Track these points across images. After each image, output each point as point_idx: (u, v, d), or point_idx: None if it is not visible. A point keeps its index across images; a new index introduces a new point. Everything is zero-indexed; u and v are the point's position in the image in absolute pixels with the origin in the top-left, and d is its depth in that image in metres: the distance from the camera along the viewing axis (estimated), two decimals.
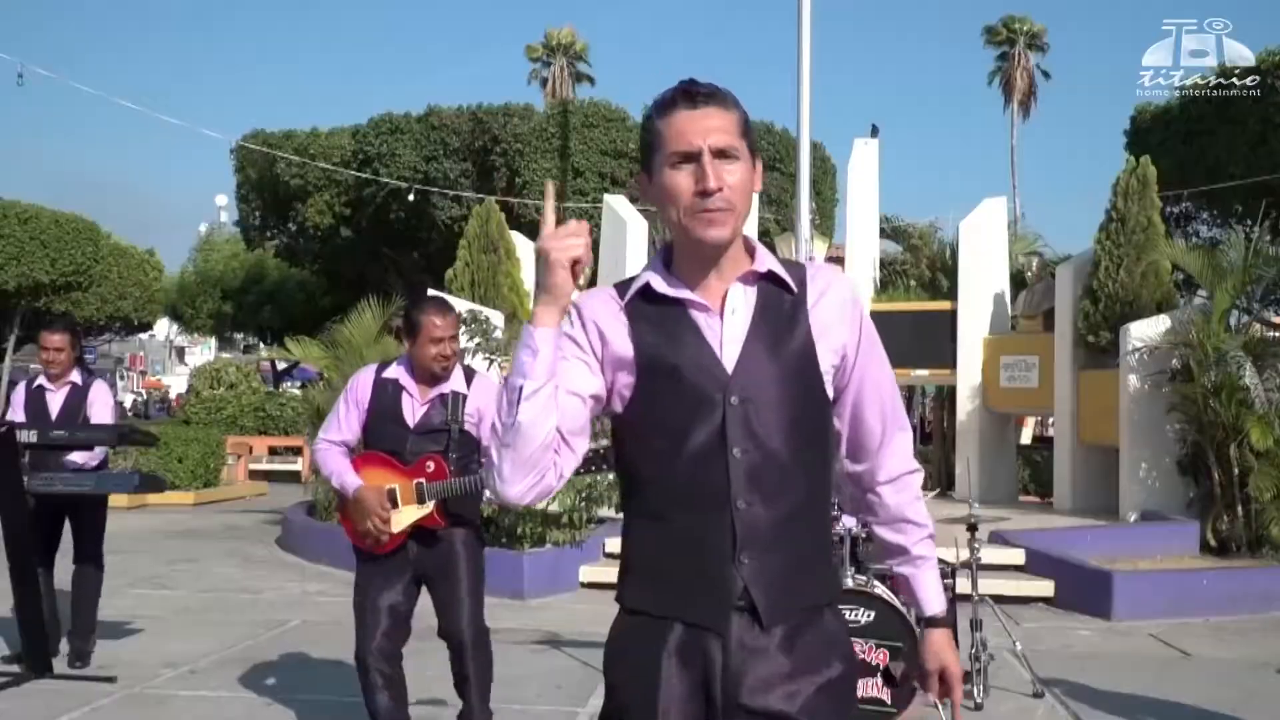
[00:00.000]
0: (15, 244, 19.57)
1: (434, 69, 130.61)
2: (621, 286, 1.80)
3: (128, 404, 37.87)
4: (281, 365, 31.48)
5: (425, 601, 3.92)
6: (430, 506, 3.72)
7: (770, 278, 1.76)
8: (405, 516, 3.72)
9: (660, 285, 1.74)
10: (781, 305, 1.75)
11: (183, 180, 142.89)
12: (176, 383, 39.22)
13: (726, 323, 1.72)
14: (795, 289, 1.76)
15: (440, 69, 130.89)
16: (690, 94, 1.69)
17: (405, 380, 3.82)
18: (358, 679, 3.80)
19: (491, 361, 8.89)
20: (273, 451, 19.21)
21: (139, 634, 6.39)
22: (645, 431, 1.73)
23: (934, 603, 1.91)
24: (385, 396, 3.82)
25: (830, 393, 1.79)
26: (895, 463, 1.86)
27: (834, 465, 1.87)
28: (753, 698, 1.66)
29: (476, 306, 9.90)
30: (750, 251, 1.77)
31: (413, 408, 3.79)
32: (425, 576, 3.84)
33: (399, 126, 22.24)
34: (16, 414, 5.66)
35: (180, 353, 56.85)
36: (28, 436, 5.16)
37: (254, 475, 17.69)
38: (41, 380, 5.75)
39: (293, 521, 10.46)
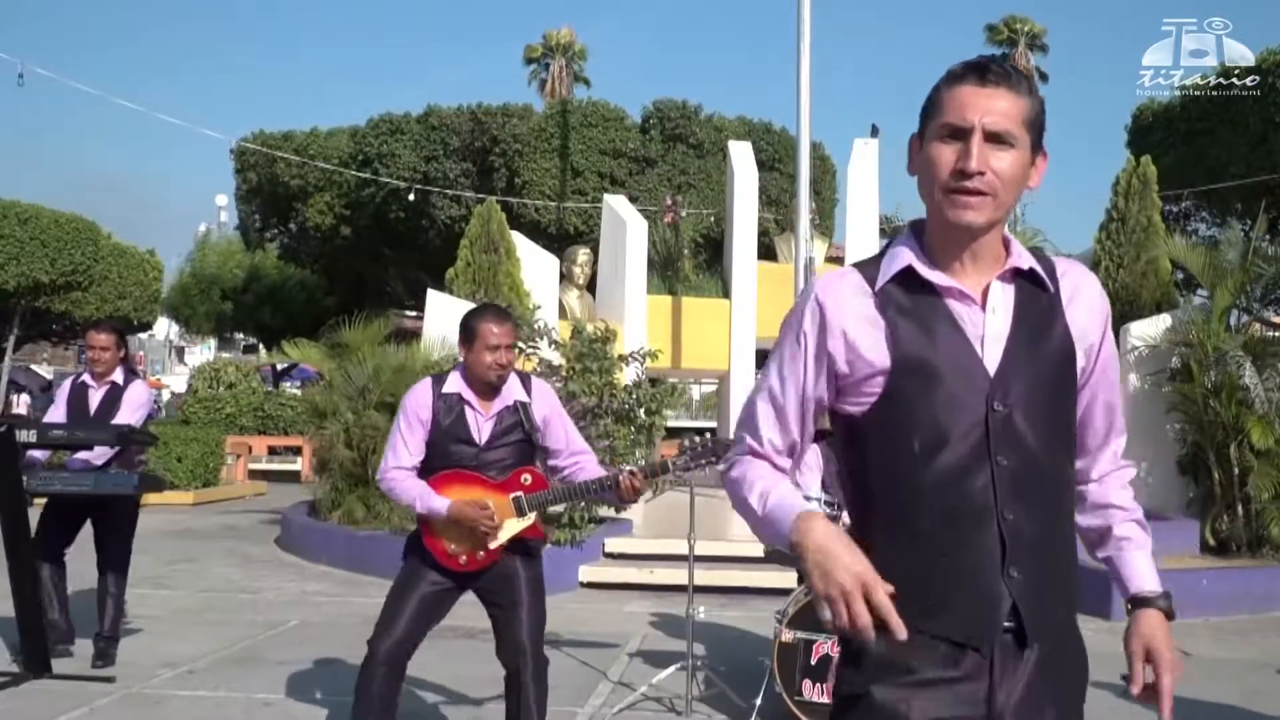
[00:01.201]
0: (15, 244, 19.57)
1: (434, 69, 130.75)
2: (868, 269, 1.69)
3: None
4: (281, 365, 31.50)
5: (460, 605, 3.85)
6: (532, 518, 3.63)
7: (1027, 275, 1.67)
8: (506, 530, 3.60)
9: (923, 269, 1.63)
10: (1039, 304, 1.66)
11: (183, 180, 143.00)
12: (176, 383, 39.14)
13: (988, 320, 1.63)
14: (1050, 286, 1.68)
15: (440, 69, 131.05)
16: (983, 69, 1.58)
17: (468, 394, 3.65)
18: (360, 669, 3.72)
19: (521, 351, 9.03)
20: (272, 451, 19.22)
21: (138, 634, 6.38)
22: (895, 435, 1.61)
23: (1138, 579, 1.74)
24: (449, 413, 3.64)
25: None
26: (1108, 462, 1.79)
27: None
28: (1017, 718, 1.61)
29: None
30: (1005, 246, 1.68)
31: (478, 423, 3.64)
32: (486, 594, 3.71)
33: (399, 127, 22.24)
34: (59, 411, 5.75)
35: (180, 353, 56.82)
36: (28, 436, 5.16)
37: (253, 475, 17.69)
38: (85, 377, 5.82)
39: (292, 521, 10.45)
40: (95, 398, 5.73)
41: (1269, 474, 8.47)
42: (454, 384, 3.69)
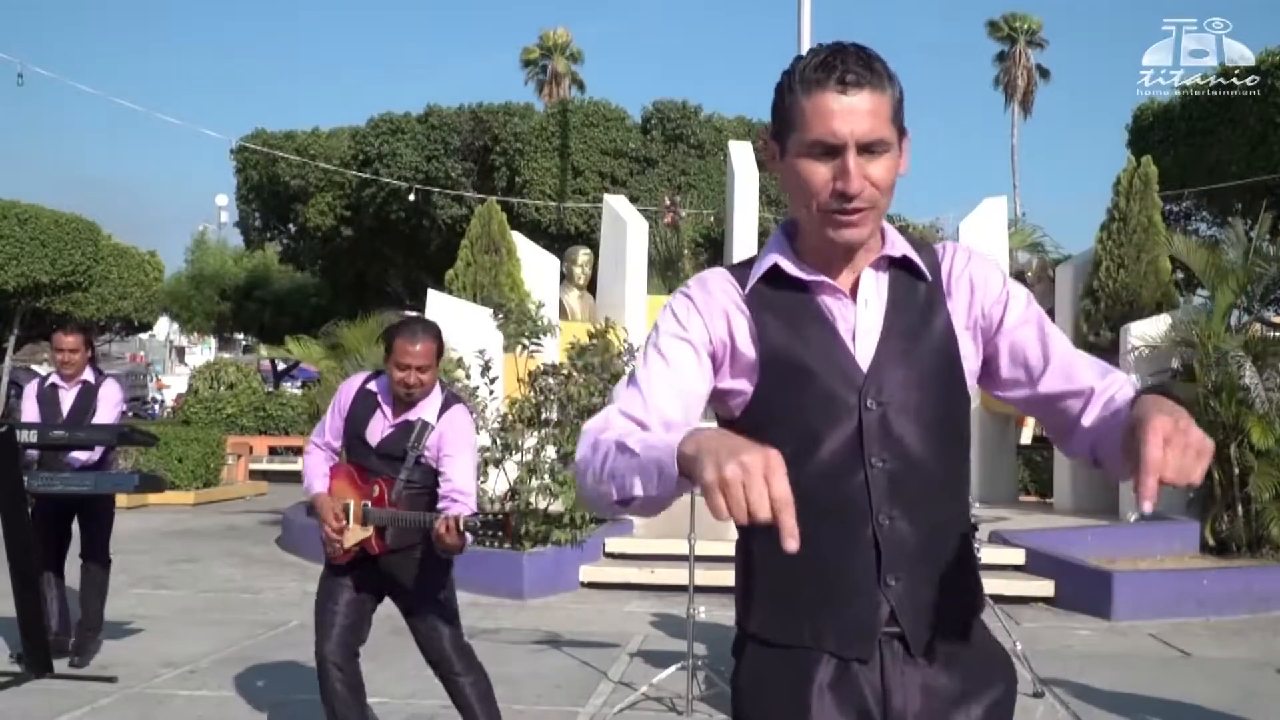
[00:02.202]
0: (15, 244, 19.56)
1: (434, 70, 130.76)
2: (739, 271, 1.62)
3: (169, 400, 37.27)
4: (281, 365, 31.51)
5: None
6: (370, 531, 3.63)
7: (902, 263, 1.58)
8: (352, 535, 3.65)
9: (790, 267, 1.56)
10: (916, 294, 1.57)
11: (183, 180, 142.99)
12: (176, 383, 39.14)
13: (859, 313, 1.55)
14: (930, 275, 1.58)
15: (440, 69, 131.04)
16: (841, 77, 1.44)
17: (383, 397, 3.71)
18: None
19: (525, 348, 9.10)
20: (273, 451, 19.21)
21: (139, 634, 6.39)
22: (767, 437, 1.44)
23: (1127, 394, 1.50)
24: (360, 409, 3.73)
25: (972, 386, 1.61)
26: (1093, 374, 1.57)
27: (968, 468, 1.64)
28: None
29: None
30: (880, 233, 1.58)
31: (380, 427, 3.69)
32: (393, 596, 3.77)
33: (399, 126, 22.24)
34: (29, 411, 5.73)
35: (180, 353, 56.84)
36: (28, 436, 5.17)
37: (254, 475, 17.67)
38: (55, 379, 5.81)
39: (293, 521, 10.45)
40: (67, 398, 5.74)
41: (1269, 474, 8.47)
42: (378, 384, 3.78)
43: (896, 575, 1.52)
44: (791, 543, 1.20)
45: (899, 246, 1.58)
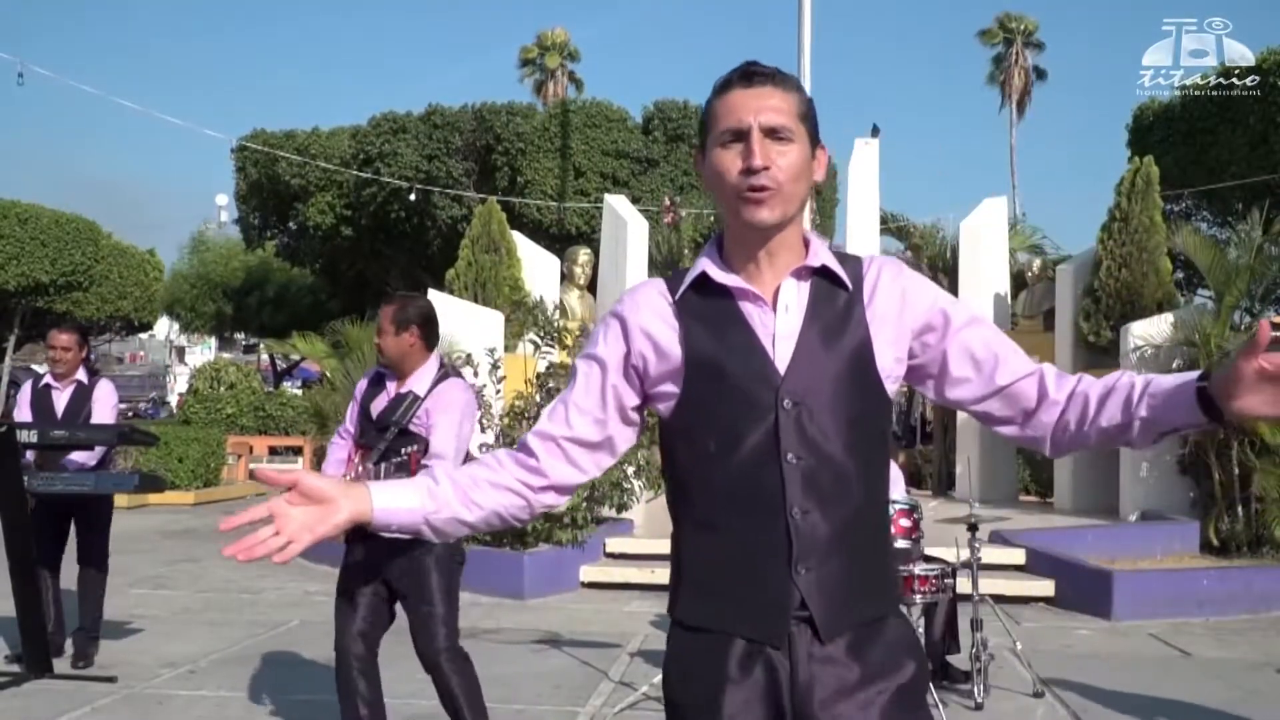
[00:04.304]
0: (15, 244, 19.58)
1: (434, 70, 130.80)
2: (673, 280, 1.74)
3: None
4: (282, 365, 31.52)
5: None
6: None
7: (824, 273, 1.68)
8: None
9: (716, 274, 1.67)
10: (835, 302, 1.67)
11: (183, 180, 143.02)
12: (178, 383, 39.17)
13: (779, 319, 1.65)
14: (850, 285, 1.68)
15: (441, 70, 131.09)
16: (748, 74, 1.63)
17: (390, 375, 3.89)
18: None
19: (537, 346, 9.08)
20: (273, 451, 19.21)
21: (139, 634, 6.39)
22: (694, 435, 1.66)
23: (1176, 378, 1.56)
24: (373, 389, 3.90)
25: (892, 390, 1.68)
26: (1053, 384, 1.66)
27: (889, 473, 1.75)
28: (825, 710, 1.59)
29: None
30: (805, 245, 1.70)
31: (381, 401, 3.84)
32: (398, 591, 3.78)
33: (401, 125, 22.24)
34: (23, 412, 5.71)
35: (180, 353, 56.83)
36: (28, 436, 5.17)
37: (254, 475, 17.69)
38: (48, 379, 5.79)
39: None
40: (60, 399, 5.72)
41: (1273, 473, 8.47)
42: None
43: (808, 565, 1.60)
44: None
45: (820, 257, 1.68)
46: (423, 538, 1.70)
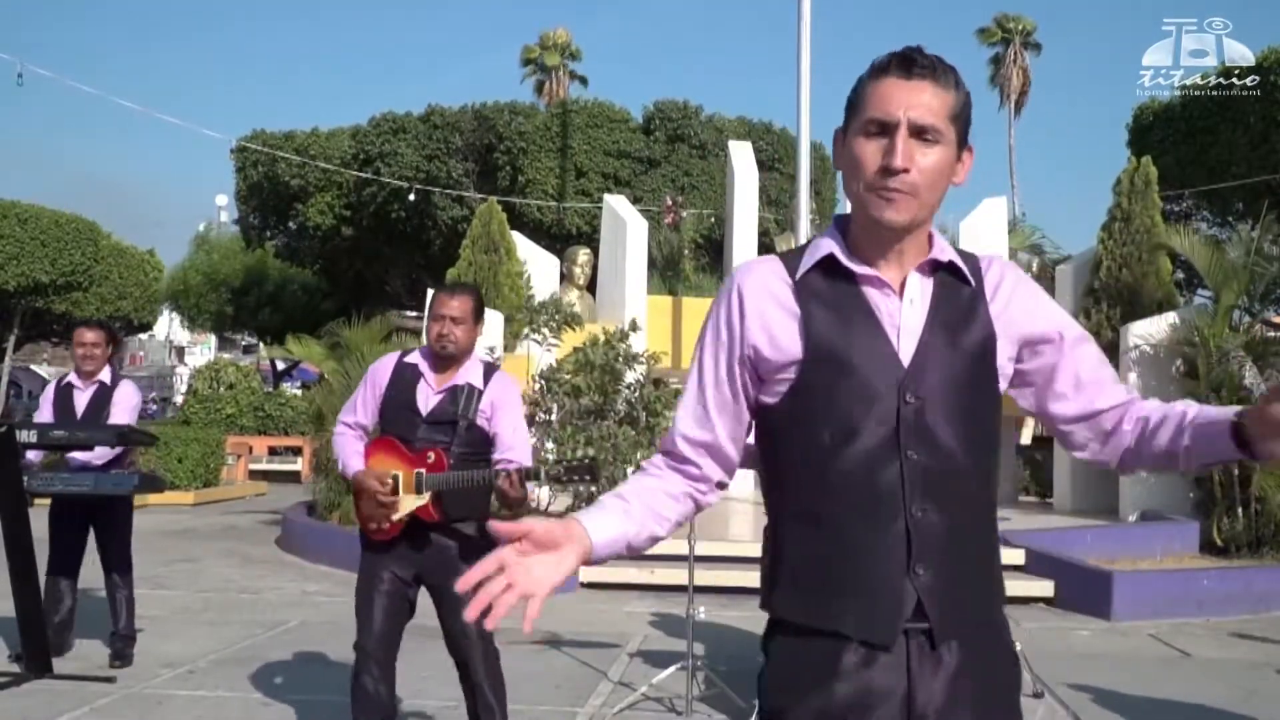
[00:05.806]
0: (15, 244, 19.59)
1: (434, 70, 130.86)
2: (791, 259, 1.67)
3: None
4: (281, 365, 31.50)
5: (424, 601, 3.89)
6: (426, 498, 3.62)
7: (948, 268, 1.64)
8: (404, 505, 3.63)
9: (843, 257, 1.61)
10: (959, 298, 1.62)
11: (183, 180, 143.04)
12: (178, 383, 39.18)
13: (905, 311, 1.59)
14: (973, 281, 1.64)
15: (441, 70, 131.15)
16: (907, 62, 1.53)
17: (424, 367, 3.77)
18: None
19: (541, 343, 9.06)
20: (272, 451, 19.22)
21: (138, 634, 6.38)
22: (807, 424, 1.58)
23: (1220, 411, 1.58)
24: (402, 382, 3.77)
25: (1004, 386, 1.67)
26: (1120, 412, 1.67)
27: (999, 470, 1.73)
28: (941, 718, 1.56)
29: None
30: (929, 241, 1.65)
31: (426, 395, 3.72)
32: (429, 583, 3.74)
33: (401, 125, 22.25)
34: (44, 412, 5.71)
35: (180, 353, 56.81)
36: (28, 436, 5.16)
37: (254, 475, 17.69)
38: (71, 378, 5.79)
39: (292, 521, 10.45)
40: (82, 399, 5.69)
41: (1273, 473, 8.46)
42: (415, 356, 3.84)
43: (925, 565, 1.55)
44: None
45: (946, 253, 1.64)
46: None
